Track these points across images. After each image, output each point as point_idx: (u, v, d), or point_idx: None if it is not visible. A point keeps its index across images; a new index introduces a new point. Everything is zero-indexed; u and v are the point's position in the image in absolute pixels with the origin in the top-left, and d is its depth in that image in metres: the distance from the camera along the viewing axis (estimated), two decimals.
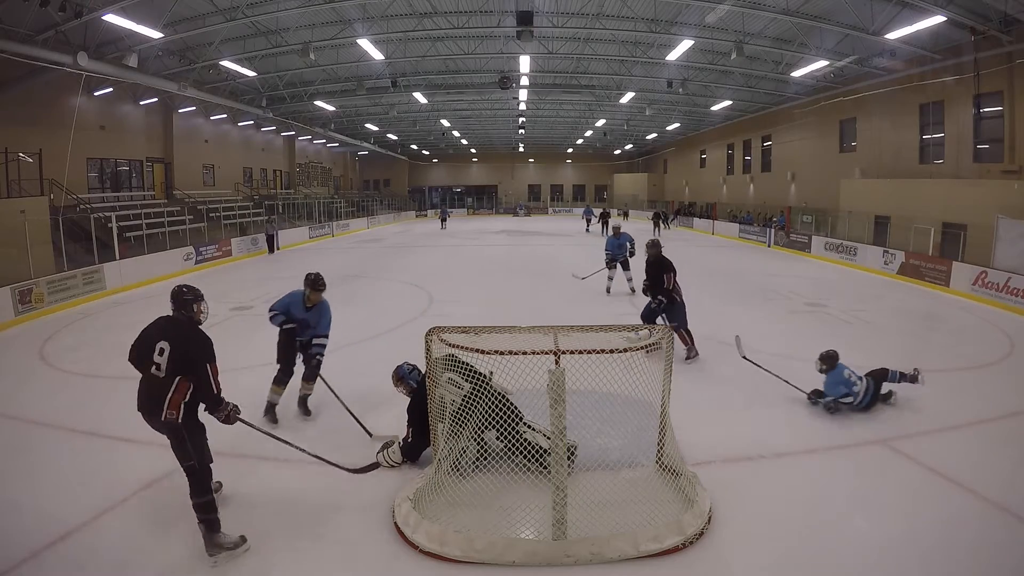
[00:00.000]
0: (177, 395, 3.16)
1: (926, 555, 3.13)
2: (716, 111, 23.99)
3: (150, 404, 3.22)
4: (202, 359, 3.24)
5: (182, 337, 3.28)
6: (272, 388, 5.00)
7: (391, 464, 4.14)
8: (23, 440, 4.71)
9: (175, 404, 3.17)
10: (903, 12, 11.63)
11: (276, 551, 3.23)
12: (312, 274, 5.16)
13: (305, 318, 5.07)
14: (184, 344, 3.25)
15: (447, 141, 38.19)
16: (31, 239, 10.30)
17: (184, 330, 3.34)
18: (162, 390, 3.17)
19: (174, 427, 3.21)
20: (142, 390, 3.28)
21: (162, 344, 3.23)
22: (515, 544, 3.14)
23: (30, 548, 3.18)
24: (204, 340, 3.34)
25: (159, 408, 3.16)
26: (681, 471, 3.73)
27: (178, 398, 3.17)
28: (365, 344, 7.59)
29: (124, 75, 13.67)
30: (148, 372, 3.24)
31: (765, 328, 8.40)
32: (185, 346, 3.25)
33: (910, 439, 4.57)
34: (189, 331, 3.34)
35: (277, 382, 5.02)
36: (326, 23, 14.17)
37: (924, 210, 13.77)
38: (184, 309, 3.42)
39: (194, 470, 3.25)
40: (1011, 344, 7.63)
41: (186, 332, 3.32)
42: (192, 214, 17.94)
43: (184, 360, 3.21)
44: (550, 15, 14.05)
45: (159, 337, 3.26)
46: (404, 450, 4.17)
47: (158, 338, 3.26)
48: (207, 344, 3.33)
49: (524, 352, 3.79)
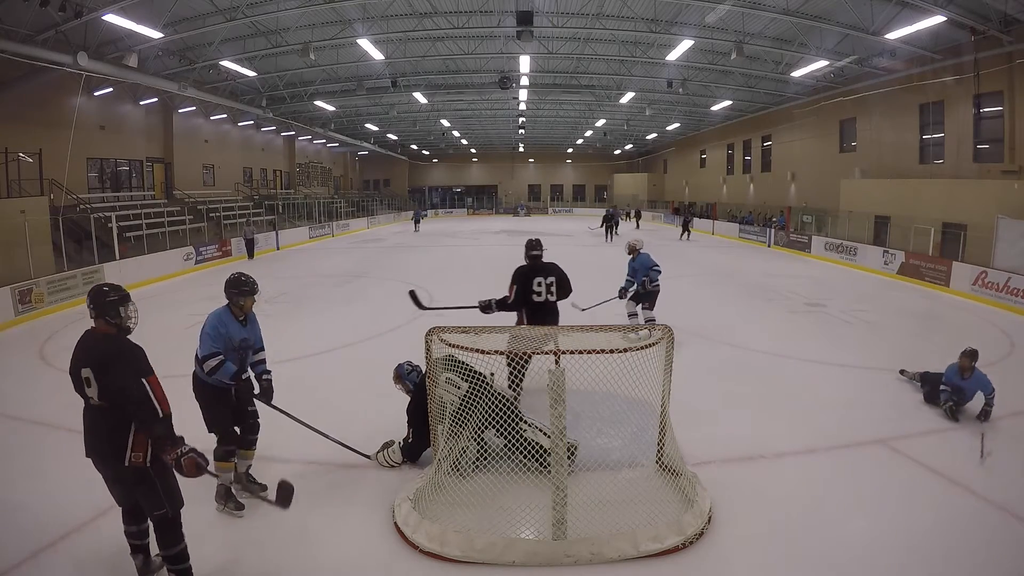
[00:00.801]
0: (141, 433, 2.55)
1: (926, 555, 3.13)
2: (716, 111, 24.00)
3: (102, 445, 2.62)
4: (132, 376, 2.52)
5: (103, 357, 2.58)
6: (220, 466, 3.56)
7: (390, 464, 4.14)
8: (23, 440, 4.71)
9: (141, 443, 2.58)
10: (903, 12, 11.63)
11: (276, 551, 3.23)
12: (237, 274, 3.75)
13: (245, 337, 3.75)
14: (106, 366, 2.55)
15: (447, 141, 38.20)
16: (31, 239, 10.31)
17: (103, 346, 2.62)
18: (117, 426, 2.56)
19: (140, 472, 2.60)
20: (88, 427, 2.68)
21: (86, 372, 2.57)
22: (515, 544, 3.14)
23: (30, 548, 3.18)
24: (130, 352, 2.62)
25: (119, 449, 2.56)
26: (681, 471, 3.73)
27: (143, 435, 2.56)
28: (365, 344, 7.58)
29: (124, 75, 13.67)
30: (89, 404, 2.67)
31: (765, 328, 8.41)
32: (107, 368, 2.54)
33: (910, 439, 4.57)
34: (108, 346, 2.63)
35: (225, 456, 3.61)
36: (326, 23, 14.17)
37: (924, 210, 13.78)
38: (108, 315, 2.68)
39: (166, 518, 2.67)
40: (1011, 344, 7.63)
41: (104, 347, 2.62)
42: (192, 214, 17.96)
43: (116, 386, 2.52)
44: (550, 15, 14.05)
45: (82, 362, 2.60)
46: (404, 450, 4.17)
47: (82, 363, 2.60)
48: (135, 355, 2.61)
49: (524, 352, 3.80)
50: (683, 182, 35.91)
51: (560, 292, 5.09)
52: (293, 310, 9.82)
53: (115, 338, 2.68)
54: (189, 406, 5.34)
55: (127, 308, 2.74)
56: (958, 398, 5.02)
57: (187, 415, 5.09)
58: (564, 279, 5.13)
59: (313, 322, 8.92)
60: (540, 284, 5.00)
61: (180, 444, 2.55)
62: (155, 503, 2.66)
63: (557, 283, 5.05)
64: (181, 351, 7.25)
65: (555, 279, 5.04)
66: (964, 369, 5.02)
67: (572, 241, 21.97)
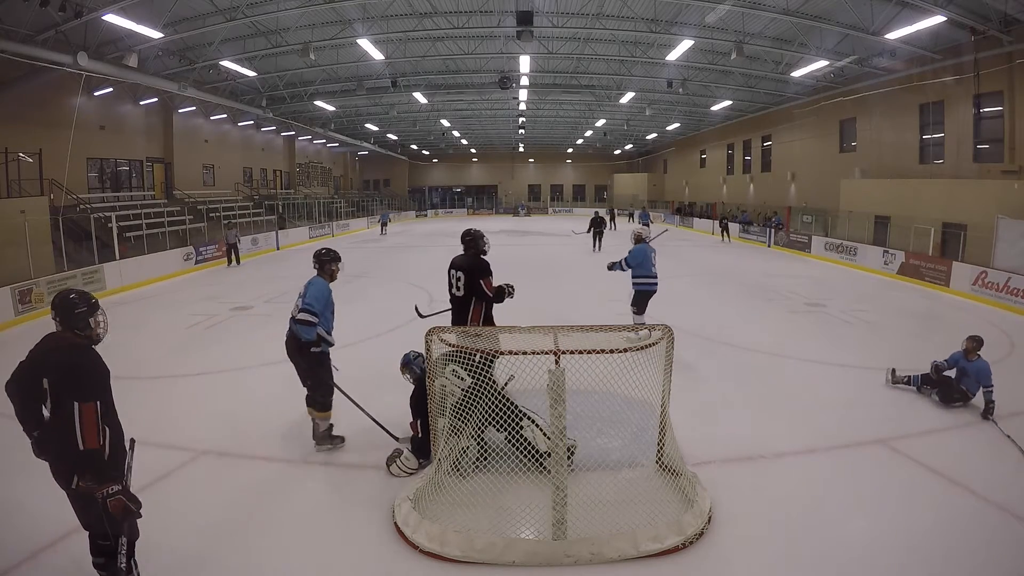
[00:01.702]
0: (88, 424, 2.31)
1: (926, 555, 3.13)
2: (716, 111, 23.99)
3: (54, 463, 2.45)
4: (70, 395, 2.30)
5: (54, 365, 2.38)
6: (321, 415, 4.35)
7: (408, 472, 4.02)
8: (23, 440, 4.69)
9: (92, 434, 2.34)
10: (903, 12, 11.63)
11: (275, 551, 3.23)
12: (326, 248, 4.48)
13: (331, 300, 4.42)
14: (65, 378, 2.36)
15: (447, 141, 38.20)
16: (31, 239, 10.30)
17: (69, 357, 2.41)
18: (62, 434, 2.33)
19: (88, 498, 2.38)
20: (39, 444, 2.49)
21: (46, 381, 2.36)
22: (515, 544, 3.14)
23: (30, 548, 3.18)
24: (85, 368, 2.39)
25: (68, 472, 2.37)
26: (681, 471, 3.73)
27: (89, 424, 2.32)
28: (366, 344, 7.58)
29: (124, 75, 13.67)
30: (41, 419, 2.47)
31: (765, 328, 8.41)
32: (65, 380, 2.36)
33: (910, 439, 4.57)
34: (74, 358, 2.41)
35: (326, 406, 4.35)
36: (326, 23, 14.17)
37: (924, 210, 13.78)
38: (77, 327, 2.48)
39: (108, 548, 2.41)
40: (1011, 344, 7.63)
41: (70, 359, 2.40)
42: (192, 214, 17.95)
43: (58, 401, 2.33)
44: (550, 15, 14.05)
45: (41, 372, 2.40)
46: (416, 451, 4.10)
47: (40, 373, 2.40)
48: (90, 374, 2.39)
49: (524, 352, 3.80)
50: (683, 182, 35.91)
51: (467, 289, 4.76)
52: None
53: (85, 350, 2.45)
54: (190, 405, 5.36)
55: (96, 317, 2.52)
56: (963, 384, 5.15)
57: (188, 414, 5.11)
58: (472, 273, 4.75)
59: None
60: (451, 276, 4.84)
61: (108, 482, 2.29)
62: (101, 530, 2.41)
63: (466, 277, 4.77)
64: (182, 351, 7.30)
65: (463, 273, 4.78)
66: (969, 351, 5.13)
67: (572, 241, 21.93)
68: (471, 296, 4.73)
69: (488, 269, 4.80)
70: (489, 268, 4.82)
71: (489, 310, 4.83)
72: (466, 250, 4.92)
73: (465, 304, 4.78)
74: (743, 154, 28.08)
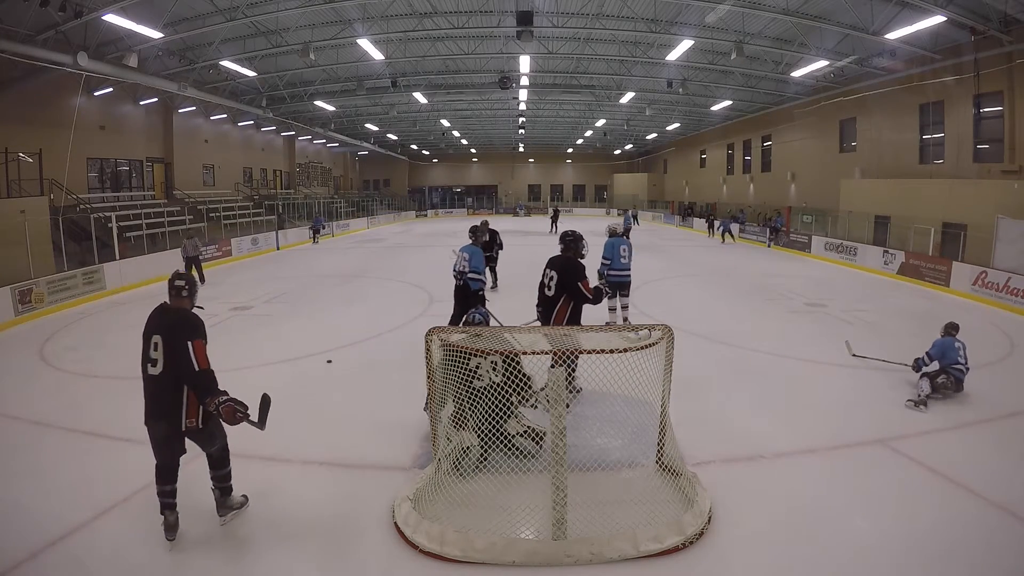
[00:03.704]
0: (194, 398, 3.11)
1: (926, 555, 3.13)
2: (716, 111, 23.99)
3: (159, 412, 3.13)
4: (183, 337, 3.06)
5: (170, 323, 3.15)
6: None
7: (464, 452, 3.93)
8: (23, 440, 4.71)
9: (195, 408, 3.14)
10: (903, 12, 11.63)
11: (275, 551, 3.22)
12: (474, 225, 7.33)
13: None
14: (172, 331, 3.11)
15: (447, 141, 38.19)
16: (31, 239, 10.30)
17: (174, 316, 3.21)
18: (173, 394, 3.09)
19: (198, 432, 3.22)
20: (146, 399, 3.16)
21: (156, 337, 3.11)
22: (515, 544, 3.13)
23: (30, 548, 3.17)
24: (190, 319, 3.21)
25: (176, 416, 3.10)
26: (681, 471, 3.73)
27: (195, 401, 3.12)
28: (366, 344, 7.58)
29: (124, 75, 13.66)
30: (146, 374, 3.14)
31: (765, 328, 8.41)
32: (172, 331, 3.10)
33: (910, 439, 4.57)
34: (176, 316, 3.22)
35: None
36: (326, 23, 14.17)
37: (924, 210, 13.78)
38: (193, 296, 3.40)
39: (219, 451, 3.39)
40: (1011, 344, 7.63)
41: (174, 318, 3.20)
42: (192, 214, 17.96)
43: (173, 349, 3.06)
44: (550, 15, 14.05)
45: (153, 331, 3.16)
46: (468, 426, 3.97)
47: (150, 331, 3.16)
48: (193, 323, 3.18)
49: (524, 352, 3.80)
50: (683, 182, 35.91)
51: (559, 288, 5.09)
52: (293, 310, 9.81)
53: (188, 310, 3.32)
54: None
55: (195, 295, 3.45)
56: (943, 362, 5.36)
57: None
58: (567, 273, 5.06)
59: (313, 322, 8.92)
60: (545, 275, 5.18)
61: (218, 396, 3.03)
62: (209, 442, 3.33)
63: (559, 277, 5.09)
64: None
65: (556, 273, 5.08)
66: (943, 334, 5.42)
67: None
68: (560, 295, 4.98)
69: (583, 272, 5.05)
70: (584, 271, 5.07)
71: (577, 309, 5.05)
72: (564, 251, 5.15)
73: (553, 303, 5.04)
74: (743, 154, 28.08)
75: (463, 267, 6.87)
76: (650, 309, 8.89)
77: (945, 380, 5.31)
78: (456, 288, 7.01)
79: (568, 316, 5.01)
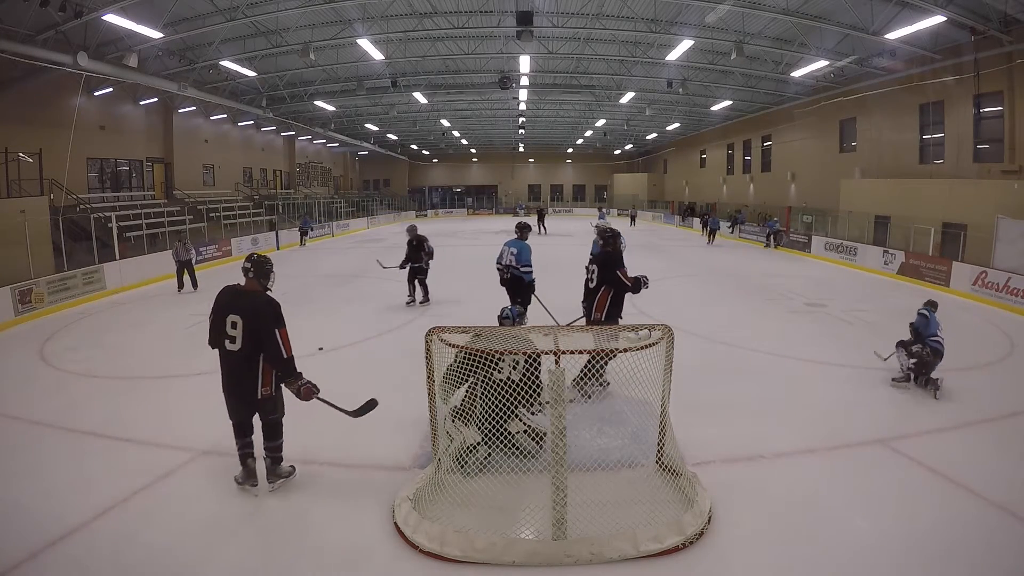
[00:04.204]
0: (268, 366, 3.51)
1: (926, 555, 3.13)
2: (716, 111, 24.00)
3: (240, 383, 3.54)
4: (270, 325, 3.44)
5: (251, 307, 3.47)
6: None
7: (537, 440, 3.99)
8: (23, 440, 4.71)
9: (269, 378, 3.56)
10: (903, 12, 11.63)
11: (275, 551, 3.22)
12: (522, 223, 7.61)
13: None
14: (253, 314, 3.45)
15: (447, 141, 38.20)
16: (31, 239, 10.30)
17: (252, 300, 3.53)
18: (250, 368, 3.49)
19: (269, 399, 3.62)
20: (223, 372, 3.59)
21: (233, 317, 3.45)
22: (515, 544, 3.13)
23: (30, 548, 3.17)
24: (272, 307, 3.53)
25: (252, 385, 3.51)
26: (681, 471, 3.73)
27: (269, 372, 3.53)
28: (366, 344, 7.58)
29: (124, 75, 13.67)
30: (224, 349, 3.51)
31: (765, 328, 8.41)
32: (254, 316, 3.44)
33: (910, 439, 4.57)
34: (257, 299, 3.53)
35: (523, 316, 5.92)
36: (326, 23, 14.17)
37: (924, 210, 13.78)
38: (264, 278, 3.66)
39: (275, 422, 3.75)
40: (1011, 344, 7.63)
41: (254, 301, 3.52)
42: (192, 214, 17.96)
43: (254, 331, 3.43)
44: (550, 15, 14.05)
45: (229, 310, 3.49)
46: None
47: (228, 311, 3.49)
48: (276, 311, 3.52)
49: (524, 352, 3.80)
50: (683, 182, 35.92)
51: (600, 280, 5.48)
52: (293, 310, 9.65)
53: (268, 296, 3.61)
54: (191, 405, 5.36)
55: (273, 275, 3.71)
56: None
57: (188, 414, 5.11)
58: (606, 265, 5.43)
59: (313, 322, 8.91)
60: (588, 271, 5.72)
61: (299, 378, 3.51)
62: (272, 410, 3.70)
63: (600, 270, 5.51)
64: (182, 351, 7.30)
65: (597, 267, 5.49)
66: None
67: (572, 242, 21.90)
68: (600, 287, 5.42)
69: (621, 260, 5.53)
70: (622, 259, 5.57)
71: (617, 299, 5.45)
72: (604, 246, 5.67)
73: (594, 294, 5.49)
74: (743, 154, 28.08)
75: (509, 261, 7.16)
76: (650, 309, 8.88)
77: (920, 349, 5.50)
78: (503, 281, 7.31)
79: (608, 304, 5.39)
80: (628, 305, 8.52)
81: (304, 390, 3.52)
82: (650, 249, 19.08)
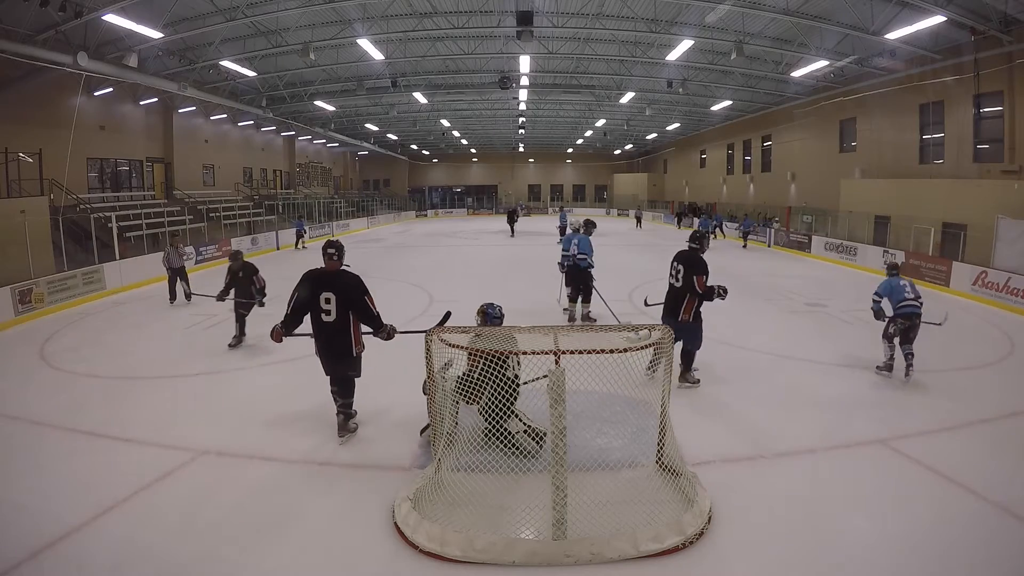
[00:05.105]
0: (357, 330, 4.32)
1: (926, 555, 3.13)
2: (716, 111, 23.99)
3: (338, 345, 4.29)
4: (360, 296, 4.25)
5: (342, 284, 4.27)
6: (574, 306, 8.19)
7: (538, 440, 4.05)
8: (23, 440, 4.71)
9: (359, 338, 4.34)
10: (903, 12, 11.63)
11: (275, 551, 3.22)
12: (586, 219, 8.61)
13: None
14: (345, 289, 4.24)
15: (447, 141, 38.19)
16: (31, 239, 10.30)
17: (341, 278, 4.32)
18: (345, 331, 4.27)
19: (359, 358, 4.40)
20: (326, 336, 4.28)
21: (327, 295, 4.21)
22: (515, 544, 3.13)
23: (30, 548, 3.17)
24: (358, 281, 4.32)
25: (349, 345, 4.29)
26: (681, 471, 3.73)
27: (358, 331, 4.34)
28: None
29: (124, 75, 13.67)
30: (321, 320, 4.24)
31: (765, 328, 8.41)
32: (346, 291, 4.23)
33: (910, 439, 4.57)
34: (346, 278, 4.32)
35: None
36: (326, 23, 14.17)
37: (924, 210, 13.78)
38: (343, 257, 4.46)
39: (352, 380, 4.50)
40: (1011, 344, 7.63)
41: (342, 279, 4.31)
42: (192, 214, 17.95)
43: (348, 302, 4.22)
44: (550, 15, 14.05)
45: (325, 288, 4.24)
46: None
47: (324, 289, 4.23)
48: (361, 284, 4.31)
49: (524, 352, 3.80)
50: (683, 182, 35.92)
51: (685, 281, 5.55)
52: None
53: (346, 272, 4.42)
54: (190, 405, 5.37)
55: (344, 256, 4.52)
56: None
57: (188, 414, 5.11)
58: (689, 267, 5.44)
59: None
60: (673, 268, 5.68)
61: (386, 327, 4.39)
62: (355, 370, 4.50)
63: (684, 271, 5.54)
64: (182, 351, 7.29)
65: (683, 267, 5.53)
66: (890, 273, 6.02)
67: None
68: (687, 289, 5.37)
69: (705, 267, 5.40)
70: (706, 266, 5.42)
71: (700, 305, 5.45)
72: (691, 246, 5.58)
73: (681, 295, 5.47)
74: (743, 154, 28.08)
75: (574, 251, 8.09)
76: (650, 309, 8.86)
77: (894, 328, 5.65)
78: (568, 267, 8.22)
79: (694, 311, 5.49)
80: (629, 304, 8.53)
81: (390, 331, 4.39)
82: (650, 249, 19.08)
